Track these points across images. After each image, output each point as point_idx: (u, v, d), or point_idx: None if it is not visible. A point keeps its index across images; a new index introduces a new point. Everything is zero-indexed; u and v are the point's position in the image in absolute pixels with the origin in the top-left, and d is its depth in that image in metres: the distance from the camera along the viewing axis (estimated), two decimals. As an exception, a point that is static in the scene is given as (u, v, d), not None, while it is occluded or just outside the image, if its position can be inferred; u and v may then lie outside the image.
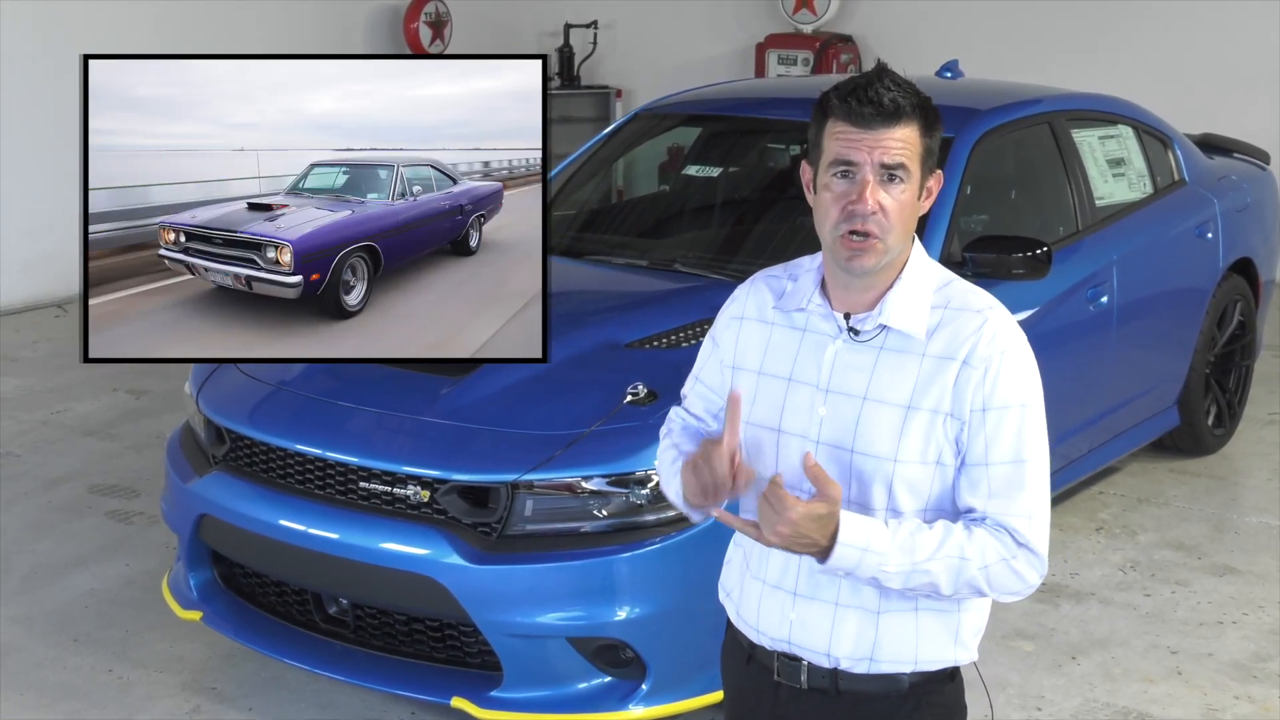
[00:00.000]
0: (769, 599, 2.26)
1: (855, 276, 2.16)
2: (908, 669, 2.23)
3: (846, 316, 2.20)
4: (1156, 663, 4.34)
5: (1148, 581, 4.91)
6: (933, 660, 2.24)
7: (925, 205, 2.19)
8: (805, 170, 2.23)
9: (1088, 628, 4.55)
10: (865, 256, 2.12)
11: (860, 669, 2.22)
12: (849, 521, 2.07)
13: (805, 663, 2.25)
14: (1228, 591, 4.84)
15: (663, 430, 2.49)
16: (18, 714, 4.02)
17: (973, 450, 2.14)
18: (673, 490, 2.34)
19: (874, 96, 2.09)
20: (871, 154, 2.09)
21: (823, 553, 2.07)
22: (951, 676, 2.30)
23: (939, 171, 2.20)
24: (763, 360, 2.28)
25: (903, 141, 2.10)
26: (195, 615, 4.10)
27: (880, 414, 2.15)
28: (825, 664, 2.24)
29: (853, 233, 2.10)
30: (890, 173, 2.10)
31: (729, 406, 2.13)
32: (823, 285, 2.24)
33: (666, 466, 2.38)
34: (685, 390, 2.48)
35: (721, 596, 2.42)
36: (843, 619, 2.20)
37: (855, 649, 2.21)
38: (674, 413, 2.50)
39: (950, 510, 2.18)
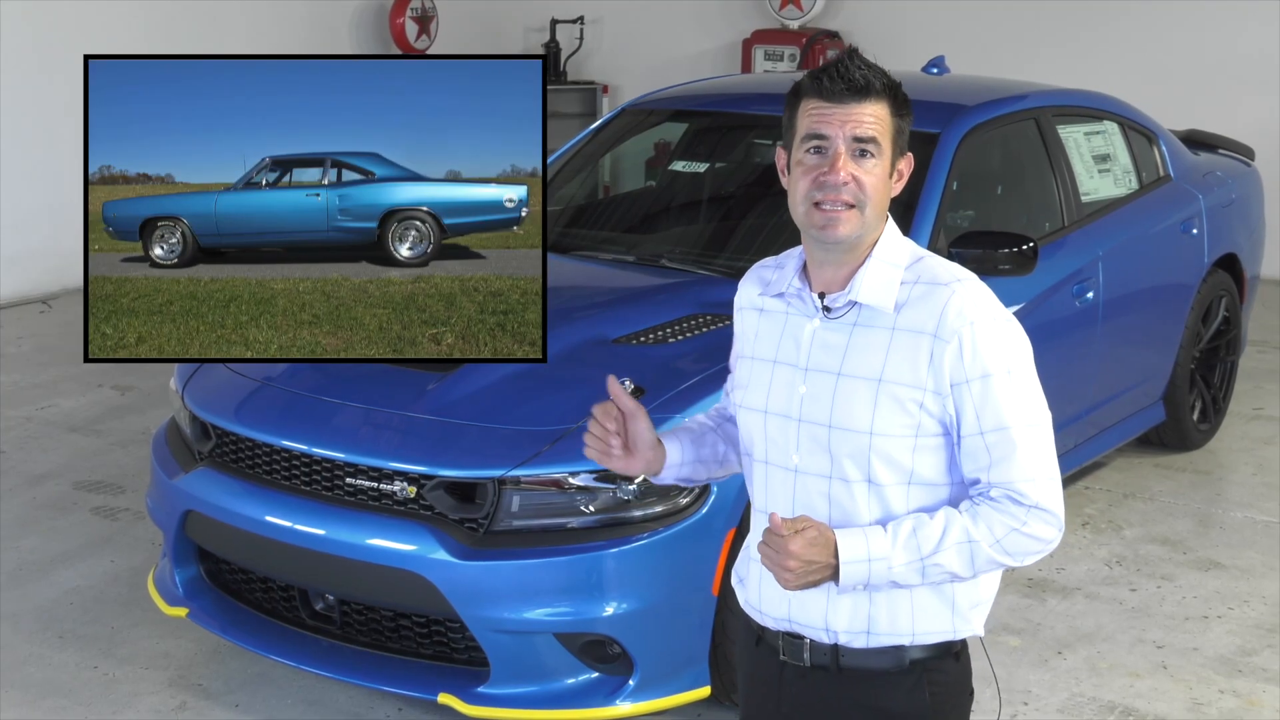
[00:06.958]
0: (769, 579, 2.30)
1: (831, 248, 2.21)
2: (906, 641, 2.25)
3: (821, 296, 2.25)
4: (1142, 657, 4.35)
5: (1133, 576, 4.92)
6: (931, 632, 2.26)
7: (897, 187, 2.24)
8: (780, 155, 2.29)
9: (1074, 622, 4.56)
10: (839, 225, 2.16)
11: (859, 643, 2.25)
12: (845, 538, 2.14)
13: (808, 640, 2.29)
14: (1213, 586, 4.85)
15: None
16: (3, 711, 4.01)
17: (964, 422, 2.17)
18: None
19: (844, 73, 2.16)
20: (843, 127, 2.15)
21: (834, 573, 2.13)
22: (956, 656, 2.31)
23: (909, 155, 2.25)
24: (754, 346, 2.35)
25: (874, 117, 2.16)
26: (181, 612, 4.09)
27: (854, 389, 2.19)
28: (825, 639, 2.27)
29: (821, 203, 2.16)
30: (862, 147, 2.16)
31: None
32: (804, 270, 2.30)
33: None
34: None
35: (734, 582, 2.47)
36: (837, 594, 2.23)
37: (852, 623, 2.24)
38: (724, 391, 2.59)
39: (939, 482, 2.21)
